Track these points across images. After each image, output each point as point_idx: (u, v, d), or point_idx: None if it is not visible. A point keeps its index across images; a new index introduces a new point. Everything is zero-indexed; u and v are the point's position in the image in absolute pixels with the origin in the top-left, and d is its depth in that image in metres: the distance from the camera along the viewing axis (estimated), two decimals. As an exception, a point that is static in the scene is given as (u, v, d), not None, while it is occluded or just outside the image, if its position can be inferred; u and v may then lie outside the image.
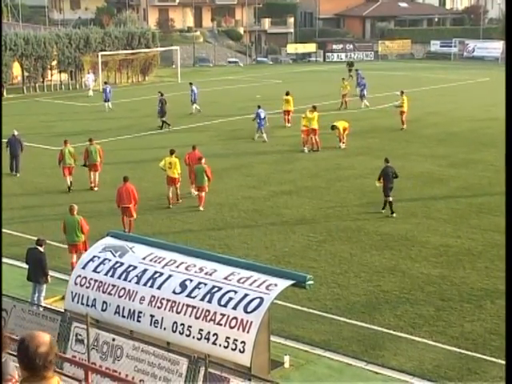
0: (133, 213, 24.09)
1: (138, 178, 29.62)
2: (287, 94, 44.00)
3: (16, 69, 61.11)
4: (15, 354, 5.29)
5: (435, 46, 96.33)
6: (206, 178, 26.78)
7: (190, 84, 48.23)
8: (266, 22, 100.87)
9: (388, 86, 60.77)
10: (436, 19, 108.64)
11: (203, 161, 27.12)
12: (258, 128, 38.76)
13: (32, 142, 37.70)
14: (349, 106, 49.19)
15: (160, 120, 42.17)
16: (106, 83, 51.85)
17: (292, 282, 14.21)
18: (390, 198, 25.91)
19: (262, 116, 38.51)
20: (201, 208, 26.79)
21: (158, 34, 73.28)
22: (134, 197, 24.09)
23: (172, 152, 27.61)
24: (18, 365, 5.31)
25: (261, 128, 38.65)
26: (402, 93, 42.69)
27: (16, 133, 32.89)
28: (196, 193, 27.64)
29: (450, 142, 38.38)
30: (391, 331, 16.98)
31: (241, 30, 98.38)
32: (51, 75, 63.47)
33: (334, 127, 36.68)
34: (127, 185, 24.17)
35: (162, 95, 42.92)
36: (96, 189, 29.89)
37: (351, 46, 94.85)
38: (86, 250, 18.69)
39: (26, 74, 61.39)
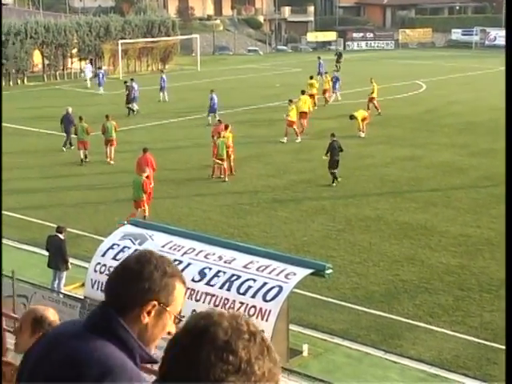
0: (150, 181, 25.35)
1: (158, 166, 29.69)
2: (311, 77, 44.20)
3: (37, 57, 61.33)
4: None
5: (456, 34, 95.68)
6: (225, 150, 28.61)
7: (131, 80, 46.13)
8: (286, 11, 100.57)
9: (408, 74, 60.47)
10: (457, 7, 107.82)
11: (223, 133, 29.24)
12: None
13: (49, 128, 37.89)
14: (367, 96, 48.88)
15: (126, 106, 43.37)
16: (132, 79, 51.52)
17: (311, 270, 14.23)
18: (335, 171, 27.79)
19: None
20: (226, 179, 28.54)
21: (177, 22, 73.25)
22: (152, 166, 25.96)
23: (226, 127, 29.75)
24: None
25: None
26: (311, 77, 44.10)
27: (70, 110, 34.75)
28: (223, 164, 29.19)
29: (471, 132, 38.14)
30: (410, 321, 16.96)
31: (261, 19, 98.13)
32: (71, 63, 63.66)
33: (352, 117, 36.58)
34: (146, 155, 26.31)
35: (125, 82, 45.22)
36: (112, 162, 31.61)
37: (371, 35, 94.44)
38: (144, 207, 23.37)
39: (46, 61, 61.60)
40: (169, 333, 2.73)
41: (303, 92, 39.35)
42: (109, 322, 2.64)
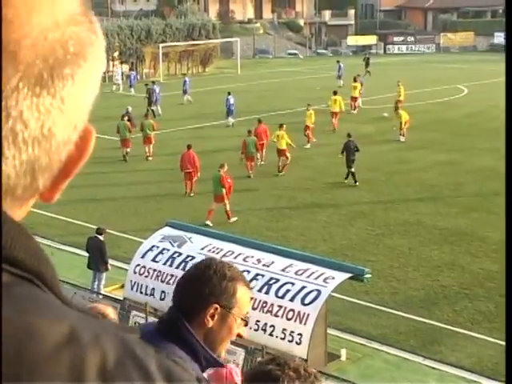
0: (193, 176, 27.35)
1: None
2: (354, 80, 44.11)
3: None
4: None
5: (499, 38, 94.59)
6: (254, 150, 30.14)
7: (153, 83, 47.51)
8: (327, 14, 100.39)
9: (450, 78, 59.99)
10: (500, 10, 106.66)
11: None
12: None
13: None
14: (411, 99, 48.57)
15: (148, 108, 43.32)
16: (153, 83, 51.94)
17: (350, 275, 14.19)
18: (353, 169, 28.40)
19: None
20: (251, 173, 29.86)
21: (218, 26, 73.51)
22: (194, 163, 27.43)
23: (281, 126, 31.09)
24: None
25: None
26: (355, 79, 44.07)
27: (130, 109, 36.98)
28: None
29: (513, 136, 37.64)
30: (450, 327, 16.81)
31: (301, 22, 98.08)
32: (113, 66, 64.19)
33: (397, 110, 36.68)
34: (189, 152, 27.78)
35: (146, 85, 46.14)
36: (150, 158, 33.14)
37: (412, 39, 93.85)
38: (225, 202, 24.29)
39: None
40: (238, 335, 2.80)
41: (335, 92, 40.21)
42: (174, 326, 2.74)
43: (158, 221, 21.66)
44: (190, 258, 15.22)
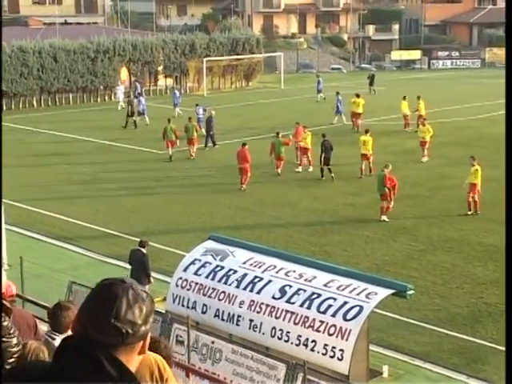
0: (247, 171, 30.02)
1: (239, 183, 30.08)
2: (357, 96, 44.02)
3: (123, 73, 62.59)
4: None
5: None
6: (282, 149, 32.37)
7: (198, 105, 45.22)
8: (371, 29, 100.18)
9: (494, 94, 59.35)
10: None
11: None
12: (337, 112, 44.15)
13: (136, 144, 38.74)
14: (450, 115, 48.14)
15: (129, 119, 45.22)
16: (173, 88, 52.87)
17: (392, 291, 14.07)
18: (330, 166, 31.45)
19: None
20: (279, 171, 32.16)
21: (262, 40, 73.73)
22: (247, 159, 29.93)
23: (366, 131, 33.22)
24: None
25: (340, 112, 44.05)
26: (419, 98, 43.05)
27: (213, 113, 39.79)
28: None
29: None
30: (494, 345, 16.56)
31: (345, 37, 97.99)
32: (157, 80, 64.74)
33: (420, 126, 36.47)
34: (243, 149, 30.52)
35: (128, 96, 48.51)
36: (193, 155, 35.88)
37: (457, 53, 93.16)
38: (387, 199, 25.81)
39: (133, 78, 62.84)
40: None
41: (358, 95, 43.31)
42: None
43: (199, 234, 21.74)
44: (231, 272, 15.23)
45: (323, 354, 13.25)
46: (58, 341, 7.03)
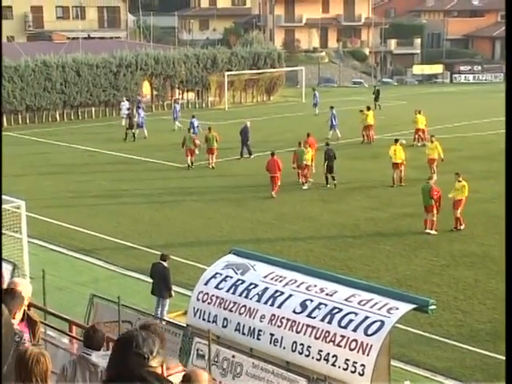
0: (277, 180, 31.05)
1: (261, 197, 30.09)
2: (368, 108, 44.71)
3: (146, 88, 62.91)
4: None
5: None
6: (306, 156, 32.54)
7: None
8: (392, 43, 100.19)
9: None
10: None
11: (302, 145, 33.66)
12: (331, 127, 44.48)
13: (158, 158, 38.90)
14: (469, 130, 47.85)
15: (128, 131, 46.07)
16: (175, 101, 53.74)
17: (414, 306, 13.97)
18: (334, 175, 32.38)
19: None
20: (305, 187, 32.30)
21: (283, 55, 73.88)
22: (278, 167, 30.92)
23: (396, 140, 33.24)
24: None
25: (334, 127, 44.52)
26: (419, 112, 43.05)
27: (248, 124, 40.58)
28: (310, 182, 32.92)
29: None
30: (517, 361, 16.40)
31: (366, 51, 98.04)
32: (179, 94, 64.99)
33: (427, 141, 36.59)
34: (274, 158, 31.42)
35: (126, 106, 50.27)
36: (211, 166, 36.80)
37: (479, 68, 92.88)
38: (433, 211, 26.01)
39: (155, 92, 63.14)
40: None
41: (369, 108, 44.54)
42: None
43: (220, 247, 21.76)
44: (252, 286, 15.20)
45: (344, 369, 13.18)
46: (93, 356, 7.98)
